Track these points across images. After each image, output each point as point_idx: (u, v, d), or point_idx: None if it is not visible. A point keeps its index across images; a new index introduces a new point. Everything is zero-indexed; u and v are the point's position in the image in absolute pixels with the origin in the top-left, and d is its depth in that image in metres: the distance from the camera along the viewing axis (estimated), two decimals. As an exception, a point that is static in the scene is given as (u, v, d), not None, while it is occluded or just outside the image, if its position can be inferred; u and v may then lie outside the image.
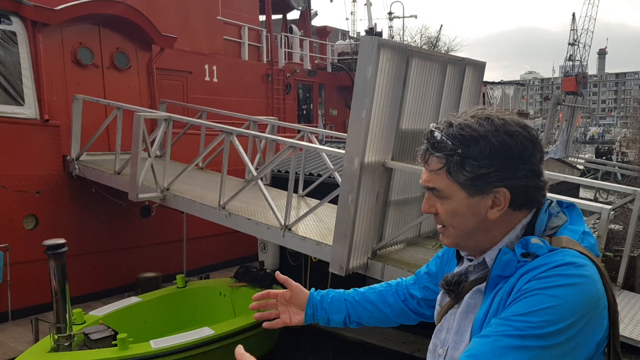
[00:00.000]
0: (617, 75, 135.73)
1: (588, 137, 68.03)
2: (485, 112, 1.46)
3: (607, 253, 7.00)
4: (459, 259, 1.66)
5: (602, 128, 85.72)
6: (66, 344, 7.18)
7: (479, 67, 7.92)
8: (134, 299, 9.40)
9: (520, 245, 1.41)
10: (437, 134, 1.45)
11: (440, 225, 1.54)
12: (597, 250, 1.47)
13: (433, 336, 1.66)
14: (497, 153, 1.40)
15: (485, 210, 1.45)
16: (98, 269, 11.07)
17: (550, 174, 8.86)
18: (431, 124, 1.51)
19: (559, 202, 1.56)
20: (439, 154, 1.45)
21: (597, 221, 7.02)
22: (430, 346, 1.65)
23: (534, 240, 1.40)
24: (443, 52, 32.40)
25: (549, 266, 1.32)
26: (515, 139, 1.40)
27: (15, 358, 7.29)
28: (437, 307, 1.68)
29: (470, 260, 1.57)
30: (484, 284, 1.48)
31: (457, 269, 1.62)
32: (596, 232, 6.80)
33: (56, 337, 7.16)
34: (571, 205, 1.56)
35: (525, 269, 1.36)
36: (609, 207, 6.19)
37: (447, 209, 1.48)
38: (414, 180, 7.23)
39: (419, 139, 6.99)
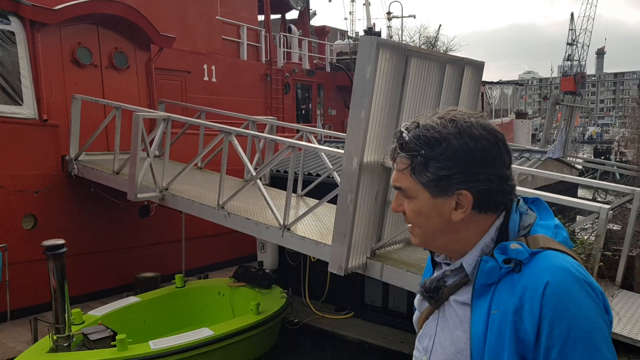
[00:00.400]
0: (615, 75, 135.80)
1: (587, 136, 68.12)
2: (452, 114, 1.47)
3: (606, 252, 7.00)
4: (435, 265, 1.66)
5: (600, 128, 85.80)
6: (65, 345, 7.18)
7: (478, 66, 7.91)
8: (132, 299, 9.40)
9: (499, 252, 1.43)
10: (404, 134, 1.47)
11: (410, 225, 1.55)
12: (570, 242, 1.50)
13: (417, 342, 1.66)
14: (458, 156, 1.41)
15: (449, 211, 1.47)
16: (97, 268, 11.06)
17: (549, 174, 8.88)
18: (402, 124, 1.53)
19: (524, 199, 1.57)
20: (405, 154, 1.47)
21: (596, 221, 7.03)
22: (415, 352, 1.65)
23: (513, 245, 1.42)
24: (442, 51, 32.41)
25: (545, 282, 1.34)
26: (477, 142, 1.41)
27: (14, 358, 7.28)
28: (417, 313, 1.68)
29: (447, 265, 1.57)
30: (468, 294, 1.48)
31: (434, 275, 1.62)
32: (595, 232, 6.81)
33: (55, 337, 7.15)
34: (536, 200, 1.58)
35: (522, 284, 1.37)
36: (607, 206, 6.19)
37: (413, 209, 1.50)
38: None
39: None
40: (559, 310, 1.31)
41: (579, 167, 15.47)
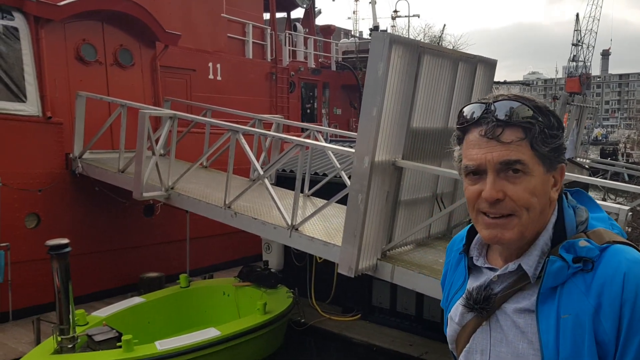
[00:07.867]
0: (620, 76, 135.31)
1: (592, 138, 67.80)
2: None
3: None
4: (469, 271, 1.49)
5: (605, 129, 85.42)
6: (69, 346, 7.05)
7: (490, 64, 7.76)
8: (137, 299, 9.28)
9: (564, 250, 1.29)
10: (511, 103, 1.33)
11: (501, 216, 1.32)
12: (624, 233, 1.40)
13: (462, 359, 1.47)
14: (561, 127, 1.35)
15: (549, 189, 1.35)
16: (100, 268, 10.94)
17: (562, 174, 8.71)
18: (483, 99, 1.37)
19: (569, 191, 1.48)
20: (521, 124, 1.30)
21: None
22: None
23: (582, 243, 1.29)
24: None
25: (622, 279, 1.23)
26: None
27: (17, 359, 7.16)
28: (456, 327, 1.49)
29: (491, 270, 1.42)
30: (527, 300, 1.33)
31: (476, 283, 1.45)
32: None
33: (59, 338, 7.03)
34: (576, 191, 1.48)
35: (599, 283, 1.25)
36: (627, 207, 6.03)
37: (527, 187, 1.30)
38: (424, 180, 7.08)
39: (430, 137, 6.84)
40: (638, 306, 1.21)
41: (588, 167, 15.30)
